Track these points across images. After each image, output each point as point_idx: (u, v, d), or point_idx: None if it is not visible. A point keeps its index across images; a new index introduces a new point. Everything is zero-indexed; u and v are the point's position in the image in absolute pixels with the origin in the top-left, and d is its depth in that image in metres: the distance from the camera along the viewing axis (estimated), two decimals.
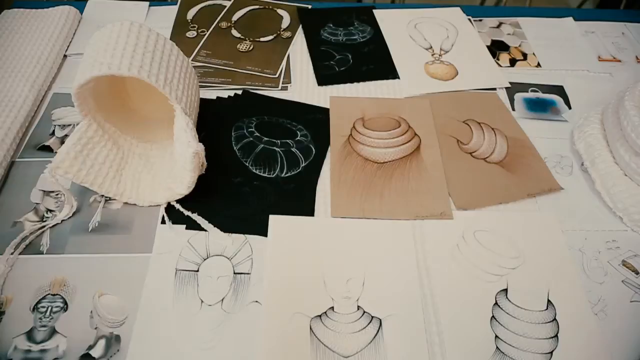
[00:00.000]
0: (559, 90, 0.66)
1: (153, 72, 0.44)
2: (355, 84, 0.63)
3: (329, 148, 0.56)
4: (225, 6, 0.73)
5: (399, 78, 0.64)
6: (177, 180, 0.48)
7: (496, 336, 0.44)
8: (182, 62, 0.49)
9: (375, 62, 0.66)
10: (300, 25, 0.71)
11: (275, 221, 0.50)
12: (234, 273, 0.46)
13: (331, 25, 0.71)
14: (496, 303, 0.46)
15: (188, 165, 0.45)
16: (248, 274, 0.46)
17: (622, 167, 0.54)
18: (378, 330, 0.43)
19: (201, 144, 0.46)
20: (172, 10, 0.72)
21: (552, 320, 0.45)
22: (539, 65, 0.68)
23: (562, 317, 0.45)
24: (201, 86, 0.61)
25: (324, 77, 0.63)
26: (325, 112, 0.60)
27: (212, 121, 0.58)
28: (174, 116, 0.47)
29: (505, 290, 0.47)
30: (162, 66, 0.46)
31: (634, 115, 0.52)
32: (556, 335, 0.44)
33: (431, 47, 0.69)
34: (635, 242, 0.51)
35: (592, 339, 0.44)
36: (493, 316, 0.45)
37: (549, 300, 0.46)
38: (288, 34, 0.69)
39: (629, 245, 0.51)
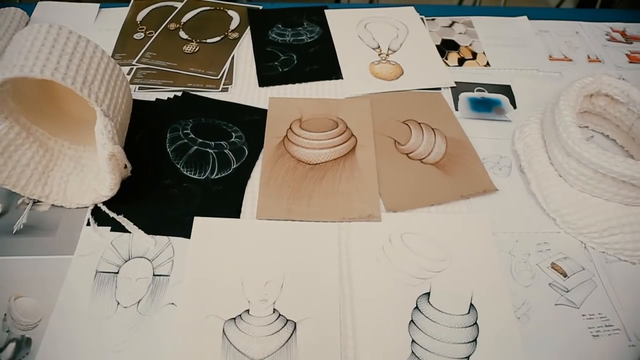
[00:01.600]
0: (506, 90, 0.65)
1: (69, 74, 0.44)
2: (298, 84, 0.63)
3: (263, 149, 0.56)
4: (176, 8, 0.73)
5: (342, 78, 0.64)
6: (102, 183, 0.48)
7: (413, 340, 0.43)
8: (106, 64, 0.49)
9: (320, 63, 0.66)
10: (249, 26, 0.71)
11: (199, 223, 0.49)
12: (154, 275, 0.46)
13: (280, 25, 0.71)
14: (417, 307, 0.45)
15: (106, 167, 0.45)
16: (167, 275, 0.46)
17: (556, 168, 0.53)
18: (292, 334, 0.43)
19: (118, 146, 0.46)
20: (123, 12, 0.72)
21: (473, 325, 0.44)
22: (488, 64, 0.67)
23: (483, 321, 0.44)
24: (142, 88, 0.61)
25: (266, 78, 0.63)
26: (263, 113, 0.59)
27: (149, 123, 0.58)
28: None
29: (428, 293, 0.46)
30: (81, 68, 0.46)
31: (566, 115, 0.51)
32: (475, 340, 0.44)
33: (379, 47, 0.68)
34: (566, 244, 0.50)
35: (511, 343, 0.44)
36: (412, 320, 0.44)
37: (471, 304, 0.46)
38: (235, 35, 0.69)
39: (560, 247, 0.50)
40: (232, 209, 0.50)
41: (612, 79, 0.56)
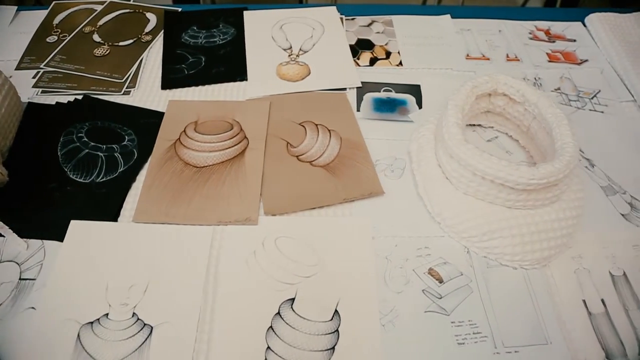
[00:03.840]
0: (416, 90, 0.63)
1: None
2: (203, 87, 0.62)
3: (152, 152, 0.55)
4: (96, 10, 0.73)
5: (247, 80, 0.63)
6: None
7: (268, 347, 0.42)
8: None
9: (228, 64, 0.65)
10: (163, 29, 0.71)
11: (74, 226, 0.49)
12: (20, 279, 0.46)
13: (195, 28, 0.70)
14: (278, 312, 0.44)
15: None
16: (33, 279, 0.46)
17: (443, 170, 0.51)
18: (147, 338, 0.42)
19: None
20: (41, 15, 0.72)
21: (334, 332, 0.43)
22: (400, 63, 0.66)
23: (346, 328, 0.43)
24: (46, 91, 0.61)
25: (169, 80, 0.63)
26: (162, 116, 0.59)
27: (45, 127, 0.58)
28: None
29: (293, 299, 0.45)
30: None
31: (451, 115, 0.50)
32: (333, 348, 0.43)
33: (290, 48, 0.67)
34: (447, 249, 0.49)
35: (371, 350, 0.42)
36: (271, 326, 0.44)
37: (336, 311, 0.45)
38: (148, 37, 0.69)
39: (441, 252, 0.49)
40: (110, 213, 0.50)
41: (508, 78, 0.54)
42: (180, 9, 0.74)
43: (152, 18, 0.72)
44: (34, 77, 0.63)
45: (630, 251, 0.49)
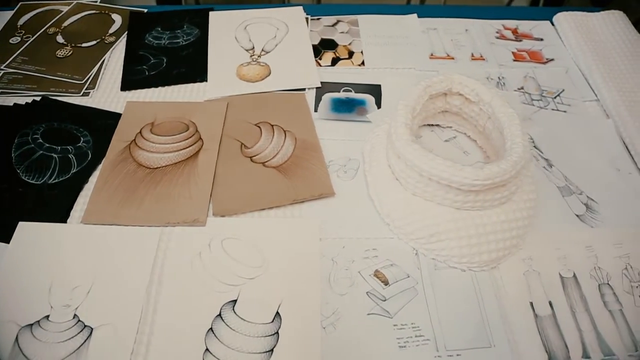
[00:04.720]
0: (376, 90, 0.62)
1: None
2: (162, 88, 0.62)
3: (106, 154, 0.55)
4: (62, 11, 0.73)
5: (207, 81, 0.63)
6: None
7: (207, 349, 0.42)
8: None
9: (189, 65, 0.65)
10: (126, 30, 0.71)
11: (21, 228, 0.49)
12: None
13: (159, 29, 0.70)
14: (219, 314, 0.44)
15: None
16: None
17: (393, 171, 0.51)
18: (86, 340, 0.42)
19: None
20: (6, 16, 0.72)
21: (273, 334, 0.43)
22: (363, 63, 0.66)
23: (286, 331, 0.43)
24: (4, 93, 0.61)
25: (129, 82, 0.62)
26: (119, 118, 0.59)
27: (0, 128, 0.58)
28: None
29: (235, 301, 0.45)
30: None
31: (400, 115, 0.49)
32: (272, 350, 0.42)
33: (253, 48, 0.67)
34: (395, 251, 0.48)
35: (309, 353, 0.42)
36: (211, 328, 0.43)
37: (277, 313, 0.44)
38: (112, 38, 0.69)
39: (389, 253, 0.48)
40: (60, 214, 0.50)
41: (463, 78, 0.53)
42: (145, 10, 0.74)
43: (117, 19, 0.72)
44: None
45: (582, 252, 0.48)
